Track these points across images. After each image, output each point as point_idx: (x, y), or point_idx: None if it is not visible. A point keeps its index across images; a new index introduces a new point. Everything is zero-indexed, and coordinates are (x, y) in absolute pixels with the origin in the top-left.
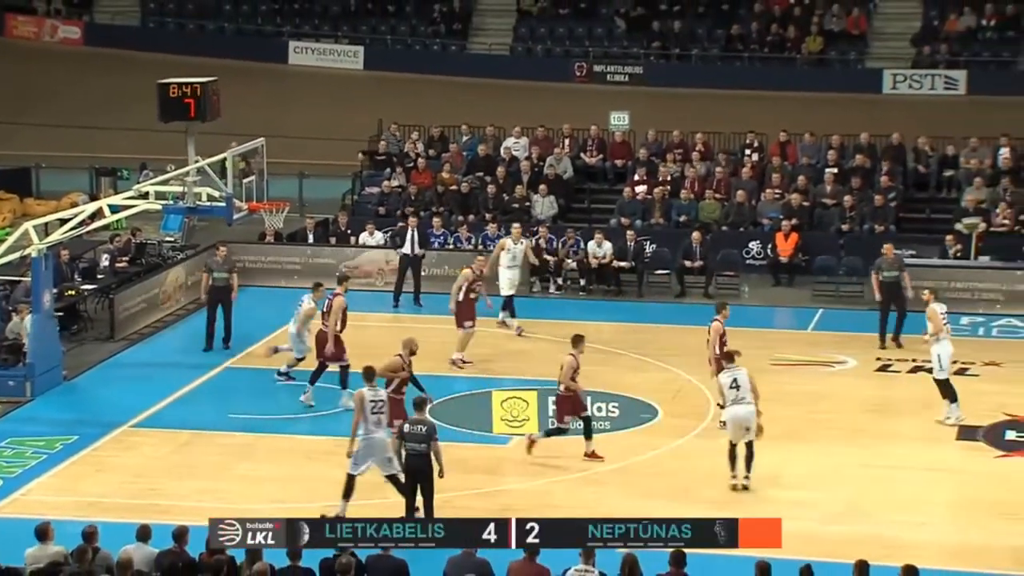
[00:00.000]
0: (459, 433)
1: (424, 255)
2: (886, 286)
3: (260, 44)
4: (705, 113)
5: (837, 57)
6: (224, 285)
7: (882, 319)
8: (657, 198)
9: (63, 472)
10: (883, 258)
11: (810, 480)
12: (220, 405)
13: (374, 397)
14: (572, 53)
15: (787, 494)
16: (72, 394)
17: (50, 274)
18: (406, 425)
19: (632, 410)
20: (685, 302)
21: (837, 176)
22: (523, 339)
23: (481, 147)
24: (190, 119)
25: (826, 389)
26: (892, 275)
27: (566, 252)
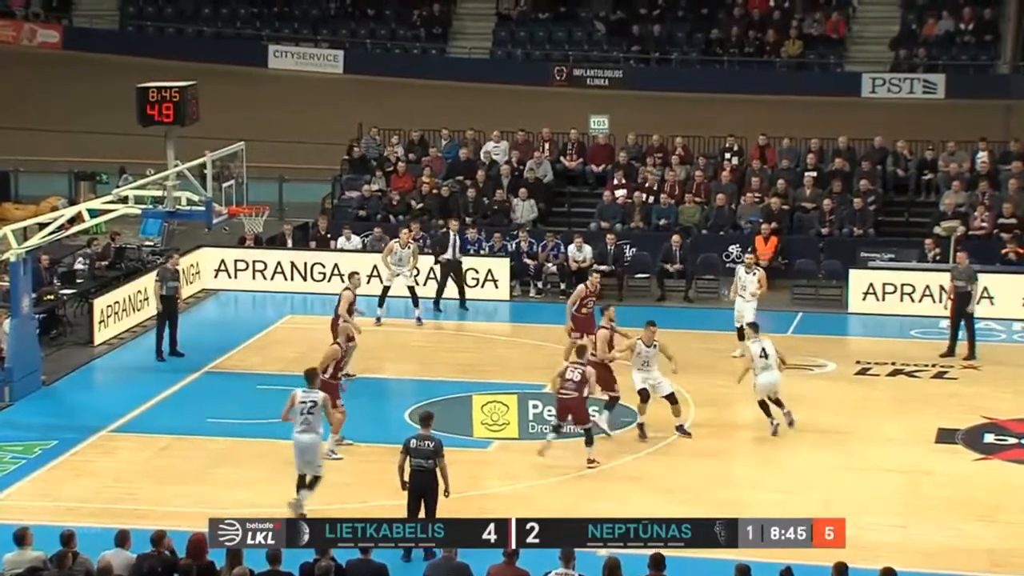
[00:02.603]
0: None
1: (462, 260)
2: (960, 296)
3: (240, 48)
4: (685, 117)
5: (816, 60)
6: (175, 295)
7: (952, 327)
8: (637, 202)
9: (42, 477)
10: (956, 266)
11: (788, 482)
12: (199, 410)
13: (305, 398)
14: (552, 57)
15: (765, 496)
16: (51, 399)
17: (29, 278)
18: (412, 440)
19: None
20: (665, 306)
21: (816, 179)
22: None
23: (461, 151)
24: (169, 123)
25: (805, 392)
26: (963, 285)
27: (546, 256)
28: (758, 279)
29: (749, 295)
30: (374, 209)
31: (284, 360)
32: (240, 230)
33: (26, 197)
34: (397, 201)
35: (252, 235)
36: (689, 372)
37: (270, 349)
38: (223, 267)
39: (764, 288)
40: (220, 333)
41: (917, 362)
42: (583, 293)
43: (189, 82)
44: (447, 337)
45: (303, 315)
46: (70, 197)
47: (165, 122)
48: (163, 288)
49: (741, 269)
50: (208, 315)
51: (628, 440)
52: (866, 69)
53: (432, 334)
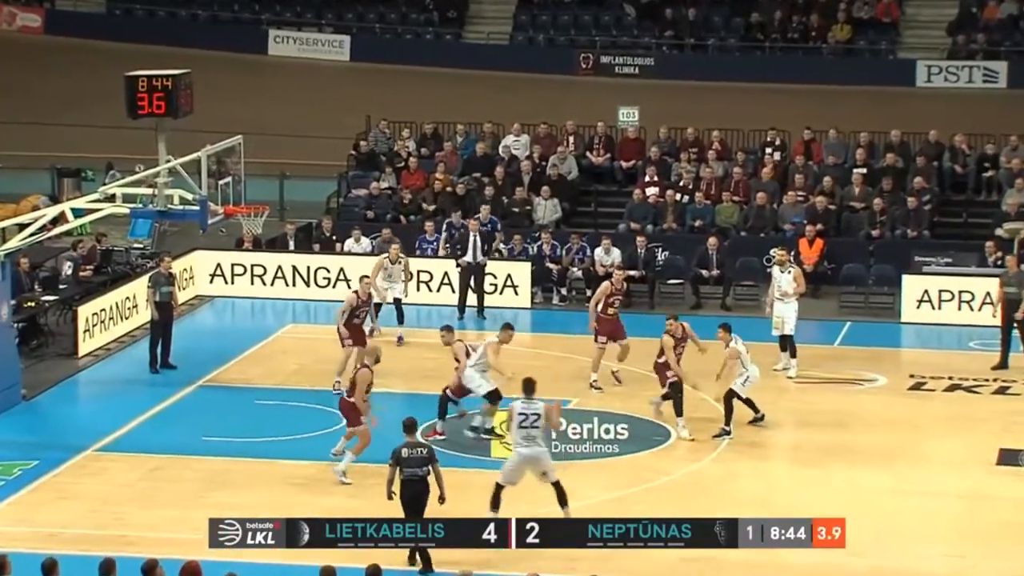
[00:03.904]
0: (456, 457)
1: (486, 263)
2: (1011, 302)
3: (237, 33)
4: (722, 108)
5: (866, 47)
6: (170, 301)
7: (1003, 336)
8: (670, 201)
9: (21, 500)
10: (1007, 271)
11: (833, 507)
12: (193, 427)
13: (525, 410)
14: (577, 43)
15: None
16: (31, 415)
17: (8, 284)
18: (404, 449)
19: (642, 432)
20: (701, 314)
21: (866, 177)
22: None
23: (478, 146)
24: (161, 115)
25: (854, 409)
26: (1013, 291)
27: (570, 260)
28: (794, 277)
29: (780, 294)
30: (383, 209)
31: (285, 373)
32: (237, 231)
33: (4, 195)
34: (408, 200)
35: (251, 237)
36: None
37: (270, 361)
38: (219, 272)
39: (801, 286)
40: (216, 343)
41: (976, 376)
42: (607, 291)
43: (182, 70)
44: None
45: (306, 324)
46: (52, 195)
47: (156, 114)
48: (157, 294)
49: (776, 270)
50: (203, 324)
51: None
52: (921, 56)
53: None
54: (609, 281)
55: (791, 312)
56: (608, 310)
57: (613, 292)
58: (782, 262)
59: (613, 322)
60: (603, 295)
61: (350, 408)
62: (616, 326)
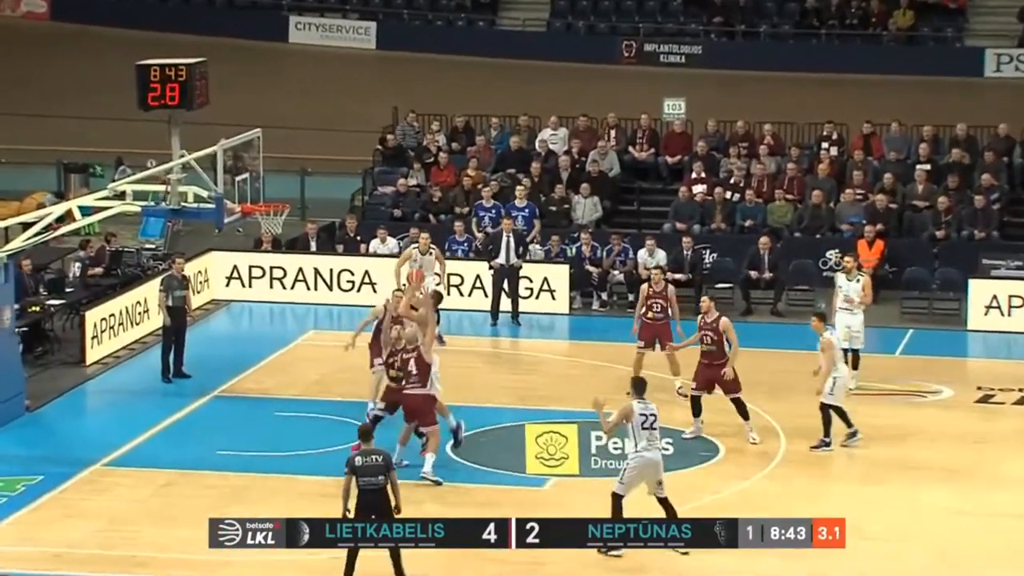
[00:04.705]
0: (487, 473)
1: (522, 266)
2: None
3: (255, 19)
4: (775, 100)
5: (930, 34)
6: (183, 305)
7: None
8: (718, 199)
9: (25, 518)
10: None
11: (896, 530)
12: (208, 440)
13: (644, 411)
14: (619, 29)
15: (868, 546)
16: (36, 427)
17: (11, 287)
18: (358, 458)
19: (689, 447)
20: (751, 320)
21: (930, 174)
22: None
23: (513, 140)
24: (174, 107)
25: (916, 422)
26: None
27: (611, 262)
28: (863, 286)
29: (846, 302)
30: (411, 208)
31: (305, 383)
32: (256, 231)
33: (7, 192)
34: (438, 198)
35: (269, 237)
36: (779, 398)
37: (290, 370)
38: (235, 274)
39: (869, 296)
40: (232, 351)
41: None
42: (646, 294)
43: (197, 59)
44: (496, 356)
45: (328, 330)
46: (58, 192)
47: (169, 105)
48: (169, 298)
49: (841, 277)
50: (218, 330)
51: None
52: (989, 44)
53: (478, 353)
54: (648, 283)
55: (859, 323)
56: (649, 314)
57: (652, 295)
58: (849, 270)
59: (656, 327)
60: (643, 299)
61: (423, 404)
62: (658, 331)
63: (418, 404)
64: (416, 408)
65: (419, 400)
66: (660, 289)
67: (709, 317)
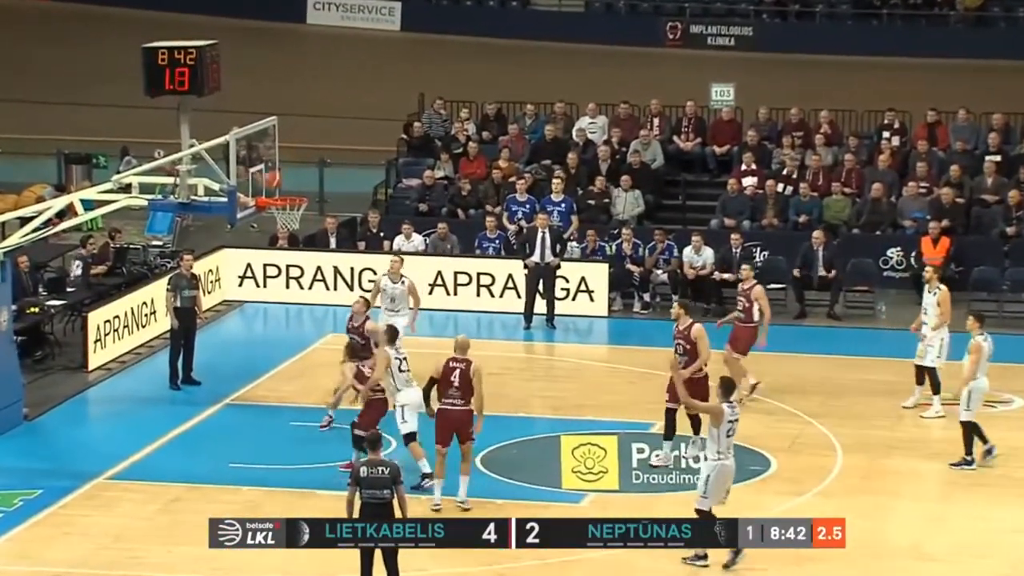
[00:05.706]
0: (520, 488)
1: (559, 265)
2: None
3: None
4: (831, 86)
5: (1001, 14)
6: (192, 306)
7: None
8: (770, 193)
9: (22, 535)
10: None
11: (961, 550)
12: (219, 452)
13: (732, 416)
14: (663, 10)
15: (931, 568)
16: (34, 437)
17: (8, 287)
18: (363, 469)
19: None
20: (805, 324)
21: (1000, 165)
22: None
23: (548, 129)
24: (184, 93)
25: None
26: None
27: (655, 261)
28: (938, 300)
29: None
30: (438, 201)
31: (324, 389)
32: (271, 227)
33: (4, 185)
34: (467, 192)
35: (286, 233)
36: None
37: (307, 376)
38: (249, 273)
39: (945, 314)
40: (245, 356)
41: None
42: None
43: (208, 41)
44: (529, 362)
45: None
46: (59, 185)
47: (178, 91)
48: (177, 299)
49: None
50: (230, 333)
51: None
52: None
53: (511, 358)
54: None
55: (936, 340)
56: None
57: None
58: (928, 280)
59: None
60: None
61: (465, 420)
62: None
63: (465, 418)
64: (461, 423)
65: (465, 415)
66: (747, 287)
67: (681, 324)
